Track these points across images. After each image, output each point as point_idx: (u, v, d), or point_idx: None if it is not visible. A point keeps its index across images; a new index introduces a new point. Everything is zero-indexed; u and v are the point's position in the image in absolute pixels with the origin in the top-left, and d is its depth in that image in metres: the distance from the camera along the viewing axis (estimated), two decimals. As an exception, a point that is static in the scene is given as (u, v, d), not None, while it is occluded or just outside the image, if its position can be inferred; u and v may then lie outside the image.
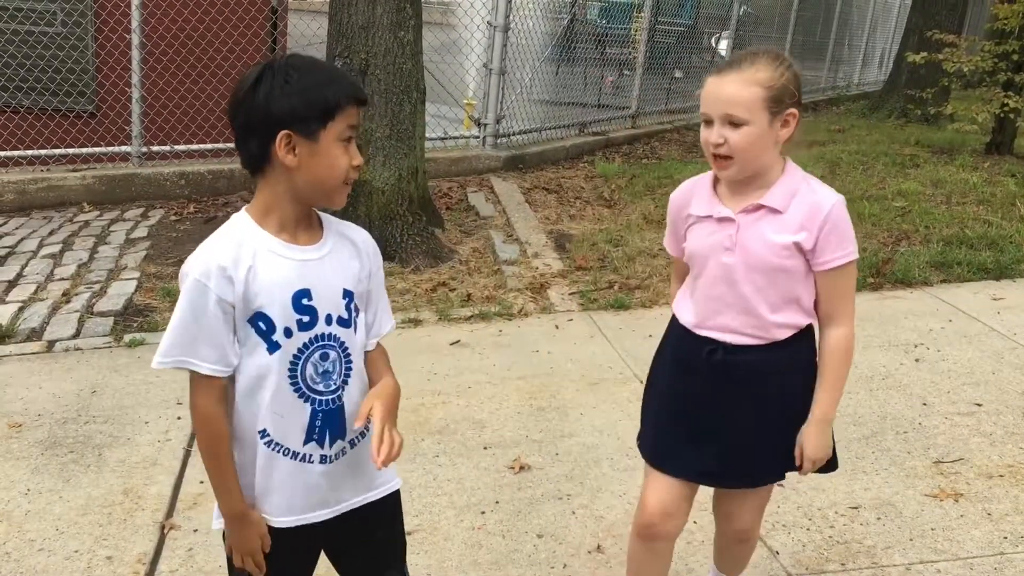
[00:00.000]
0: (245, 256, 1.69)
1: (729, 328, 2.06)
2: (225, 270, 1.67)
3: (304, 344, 1.73)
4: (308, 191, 1.71)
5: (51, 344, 4.42)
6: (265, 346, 1.71)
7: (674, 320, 2.20)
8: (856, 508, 3.11)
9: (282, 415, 1.74)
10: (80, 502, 3.12)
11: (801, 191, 1.99)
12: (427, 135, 6.16)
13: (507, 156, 7.77)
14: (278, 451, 1.76)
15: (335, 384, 1.78)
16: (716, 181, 2.07)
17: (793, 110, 1.95)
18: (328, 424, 1.78)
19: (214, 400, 1.72)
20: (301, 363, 1.73)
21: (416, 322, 4.71)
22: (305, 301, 1.72)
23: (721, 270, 2.02)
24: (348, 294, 1.78)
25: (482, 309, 4.86)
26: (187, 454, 3.42)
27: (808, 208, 1.96)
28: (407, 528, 1.92)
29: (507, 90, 7.84)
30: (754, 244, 1.99)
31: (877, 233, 6.15)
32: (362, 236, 1.86)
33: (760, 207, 1.99)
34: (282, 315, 1.71)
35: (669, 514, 2.18)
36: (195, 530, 2.97)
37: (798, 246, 1.97)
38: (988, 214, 6.65)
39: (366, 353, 1.87)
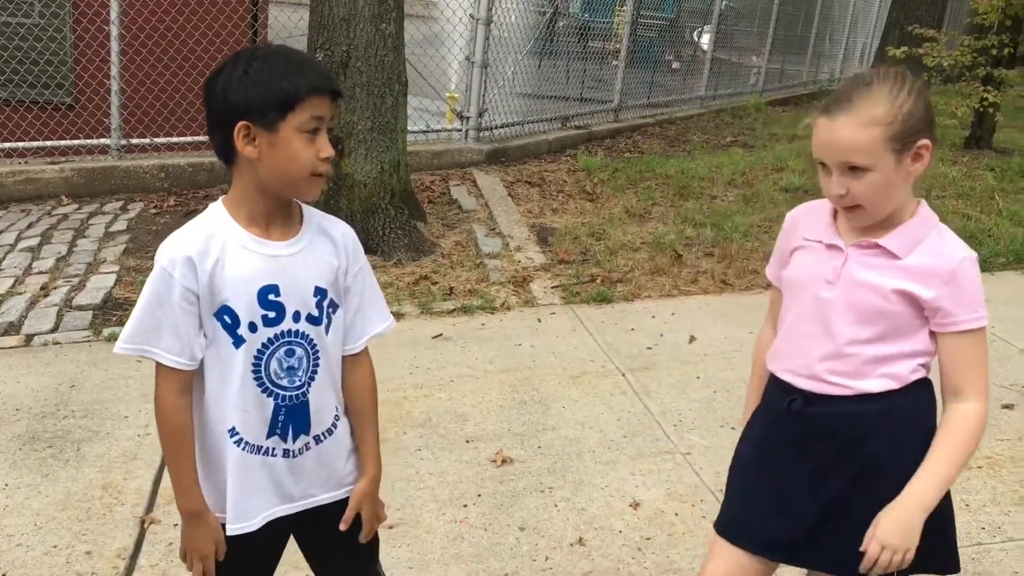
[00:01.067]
0: (214, 248, 1.67)
1: (812, 373, 1.80)
2: (191, 260, 1.66)
3: (269, 339, 1.71)
4: (273, 183, 1.68)
5: (29, 338, 4.38)
6: (231, 340, 1.70)
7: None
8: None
9: (247, 410, 1.73)
10: (59, 497, 3.10)
11: (929, 240, 1.75)
12: (409, 128, 6.15)
13: (489, 149, 7.76)
14: (245, 449, 1.74)
15: (300, 380, 1.76)
16: (837, 213, 1.83)
17: (925, 140, 1.70)
18: (291, 419, 1.76)
19: (176, 391, 1.70)
20: (265, 358, 1.72)
21: (398, 315, 4.70)
22: (272, 297, 1.70)
23: (816, 306, 1.79)
24: (320, 292, 1.76)
25: (464, 302, 4.86)
26: (167, 448, 3.40)
27: (933, 260, 1.72)
28: (389, 521, 1.93)
29: (489, 83, 7.82)
30: (859, 280, 1.75)
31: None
32: (342, 231, 1.83)
33: (876, 246, 1.75)
34: (247, 310, 1.69)
35: None
36: (175, 524, 2.94)
37: (911, 297, 1.72)
38: (967, 208, 6.71)
39: (349, 356, 1.86)
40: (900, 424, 1.78)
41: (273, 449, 1.76)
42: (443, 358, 4.23)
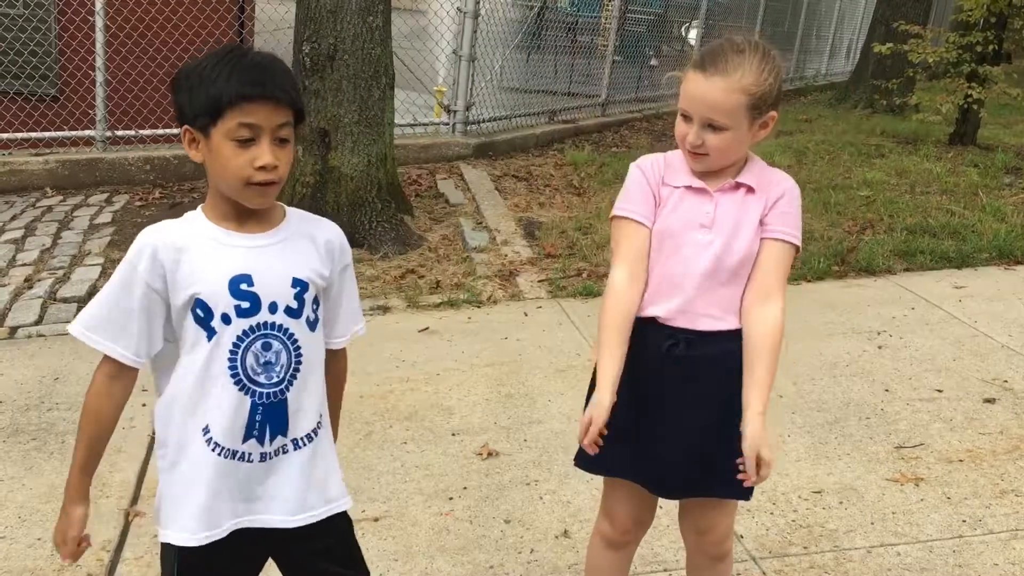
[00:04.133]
0: (181, 241, 1.66)
1: (693, 312, 1.93)
2: (157, 253, 1.64)
3: (244, 332, 1.65)
4: (220, 188, 1.66)
5: (13, 330, 4.36)
6: (205, 334, 1.66)
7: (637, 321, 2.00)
8: (819, 492, 3.16)
9: (222, 409, 1.67)
10: (43, 490, 3.09)
11: (764, 172, 1.99)
12: (396, 121, 6.14)
13: (477, 143, 7.76)
14: (218, 452, 1.68)
15: (278, 376, 1.69)
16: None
17: (773, 112, 1.91)
18: (268, 419, 1.69)
19: (111, 375, 1.69)
20: (241, 352, 1.66)
21: (385, 309, 4.69)
22: (244, 286, 1.65)
23: (695, 251, 1.93)
24: (300, 283, 1.70)
25: (451, 296, 4.86)
26: (152, 441, 3.39)
27: (769, 184, 1.96)
28: (375, 514, 1.92)
29: (477, 77, 7.82)
30: (731, 225, 1.93)
31: (842, 222, 6.22)
32: (327, 235, 1.78)
33: (739, 185, 1.95)
34: (218, 300, 1.64)
35: (642, 522, 2.16)
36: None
37: (761, 221, 1.94)
38: (951, 204, 6.75)
39: (330, 350, 1.83)
40: (731, 362, 1.94)
41: (249, 454, 1.70)
42: (429, 351, 4.23)
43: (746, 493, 2.02)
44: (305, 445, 1.75)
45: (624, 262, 1.99)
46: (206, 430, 1.68)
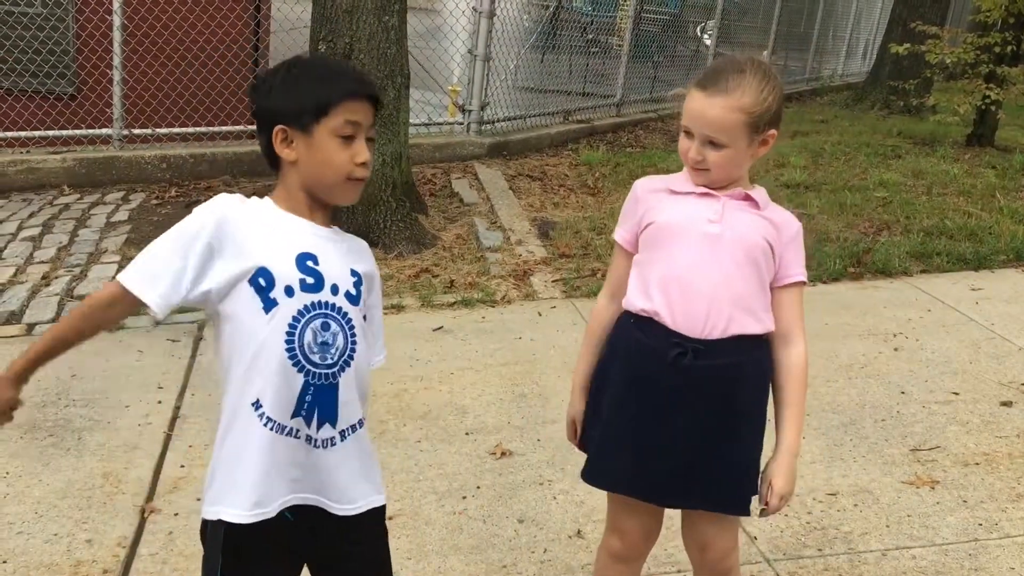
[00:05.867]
0: (250, 212, 1.73)
1: (705, 313, 1.91)
2: (226, 216, 1.68)
3: (305, 307, 1.67)
4: (312, 185, 1.73)
5: (31, 327, 4.39)
6: (261, 305, 1.66)
7: (623, 319, 2.04)
8: (834, 495, 3.15)
9: (274, 383, 1.66)
10: (60, 485, 3.11)
11: (771, 203, 2.02)
12: (411, 121, 6.14)
13: (491, 143, 7.76)
14: (269, 426, 1.68)
15: (332, 359, 1.70)
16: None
17: (773, 131, 1.95)
18: (318, 402, 1.69)
19: (112, 299, 1.70)
20: (300, 327, 1.66)
21: (399, 308, 4.70)
22: (311, 264, 1.70)
23: (703, 242, 1.92)
24: (357, 275, 1.76)
25: (465, 295, 4.86)
26: (168, 438, 3.41)
27: (783, 218, 1.99)
28: (389, 513, 1.91)
29: (492, 77, 7.82)
30: (741, 222, 1.94)
31: (858, 223, 6.19)
32: (368, 253, 1.87)
33: (747, 197, 1.97)
34: (284, 272, 1.67)
35: (651, 535, 2.15)
36: (175, 514, 2.96)
37: (771, 248, 1.95)
38: (968, 205, 6.71)
39: None
40: (761, 374, 1.99)
41: (297, 431, 1.69)
42: (443, 351, 4.23)
43: (742, 508, 2.01)
44: (349, 436, 1.76)
45: (608, 287, 2.14)
46: (257, 404, 1.68)
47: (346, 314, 1.72)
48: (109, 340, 4.26)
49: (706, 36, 12.35)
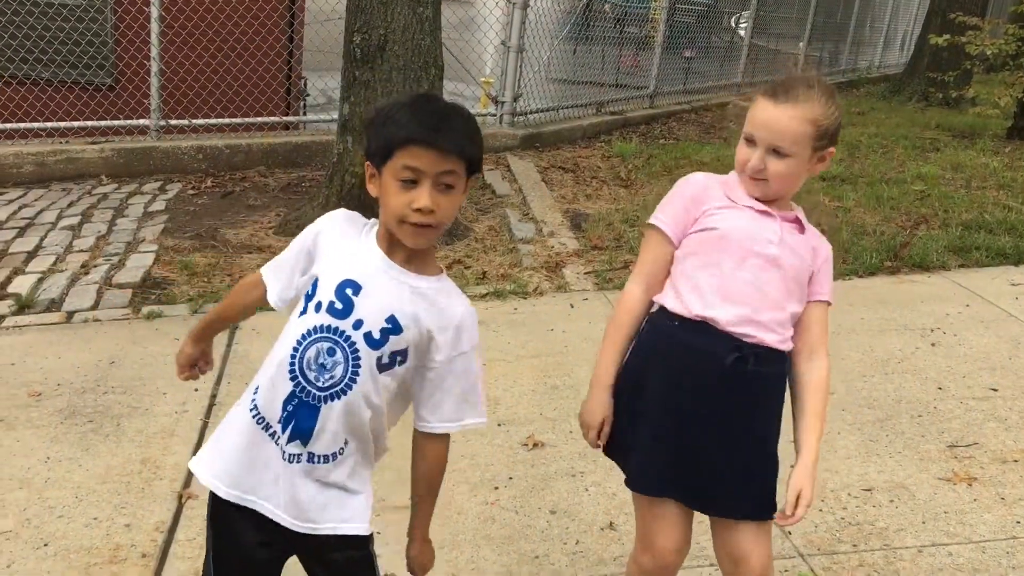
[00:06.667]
0: (347, 233, 1.81)
1: (759, 322, 1.94)
2: (323, 231, 1.82)
3: (322, 326, 1.72)
4: (385, 222, 1.76)
5: (70, 315, 4.46)
6: (301, 308, 1.77)
7: (663, 321, 2.02)
8: (869, 490, 3.12)
9: (270, 379, 1.76)
10: (99, 471, 3.16)
11: (809, 228, 2.06)
12: (444, 112, 6.14)
13: (524, 135, 7.75)
14: (253, 414, 1.77)
15: (323, 384, 1.71)
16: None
17: (832, 148, 1.99)
18: (296, 415, 1.73)
19: (252, 283, 1.93)
20: (308, 342, 1.72)
21: (431, 299, 4.71)
22: (349, 292, 1.73)
23: (764, 262, 1.96)
24: (394, 323, 1.72)
25: (497, 287, 4.87)
26: (204, 425, 3.45)
27: (816, 243, 2.05)
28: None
29: (525, 68, 7.81)
30: (794, 246, 2.00)
31: (895, 216, 6.12)
32: (453, 318, 1.77)
33: (796, 220, 2.03)
34: (325, 289, 1.74)
35: (683, 549, 2.10)
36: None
37: (809, 266, 2.02)
38: (1008, 199, 6.61)
39: (423, 433, 1.83)
40: (783, 385, 2.04)
41: (274, 432, 1.76)
42: (476, 342, 4.24)
43: (767, 512, 2.02)
44: (319, 463, 1.76)
45: (641, 276, 2.08)
46: (256, 390, 1.80)
47: (357, 351, 1.71)
48: (147, 328, 4.32)
49: (741, 27, 12.24)
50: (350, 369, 1.72)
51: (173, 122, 6.97)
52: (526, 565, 2.73)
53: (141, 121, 6.92)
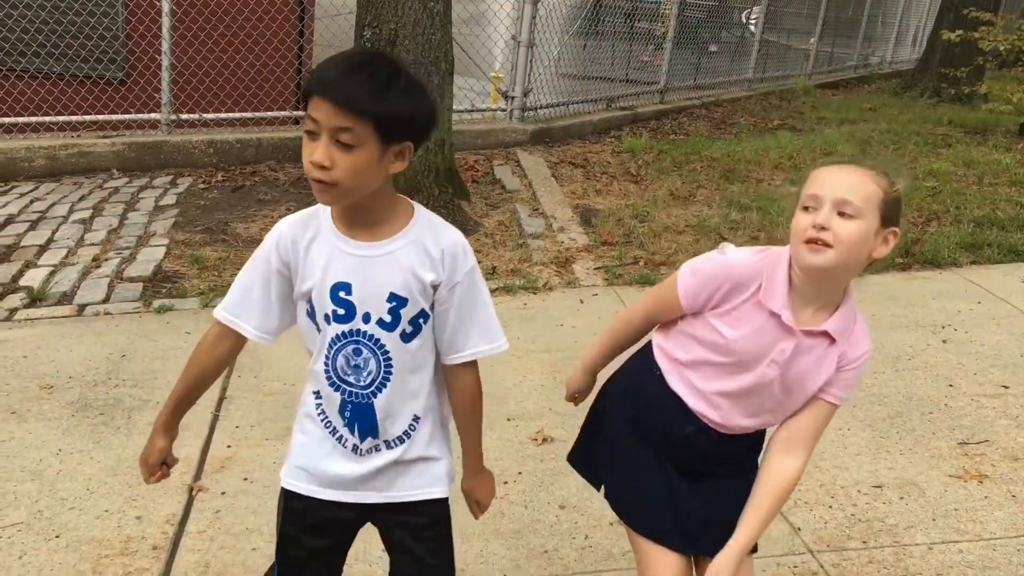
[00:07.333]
0: (308, 235, 1.74)
1: (729, 426, 1.92)
2: (291, 239, 1.74)
3: (338, 335, 1.73)
4: None
5: (81, 308, 4.48)
6: (316, 327, 1.76)
7: (649, 358, 2.01)
8: (879, 487, 3.11)
9: (326, 396, 1.79)
10: (110, 463, 3.18)
11: (854, 329, 1.87)
12: (454, 107, 6.15)
13: (534, 130, 7.75)
14: (322, 418, 1.80)
15: (365, 380, 1.75)
16: (791, 284, 1.84)
17: (896, 229, 1.81)
18: (357, 418, 1.78)
19: (216, 336, 1.81)
20: (334, 353, 1.75)
21: (441, 293, 4.72)
22: (343, 294, 1.71)
23: (758, 377, 1.86)
24: (396, 299, 1.71)
25: (507, 282, 4.87)
26: (215, 418, 3.47)
27: (851, 341, 1.86)
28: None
29: (535, 63, 7.80)
30: (801, 368, 1.85)
31: (907, 213, 6.09)
32: (442, 243, 1.74)
33: (824, 334, 1.83)
34: (320, 303, 1.73)
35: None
36: (223, 492, 3.01)
37: (824, 382, 1.87)
38: (1020, 196, 6.57)
39: (448, 367, 1.83)
40: (759, 450, 1.99)
41: (344, 439, 1.80)
42: (485, 336, 4.24)
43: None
44: (396, 446, 1.82)
45: (650, 310, 2.04)
46: (317, 394, 1.81)
47: (378, 340, 1.73)
48: (157, 322, 4.34)
49: (752, 22, 12.20)
50: (381, 359, 1.75)
51: (184, 116, 6.99)
52: (535, 559, 2.73)
53: (152, 115, 6.93)
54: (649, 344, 2.06)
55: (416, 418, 1.82)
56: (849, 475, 3.16)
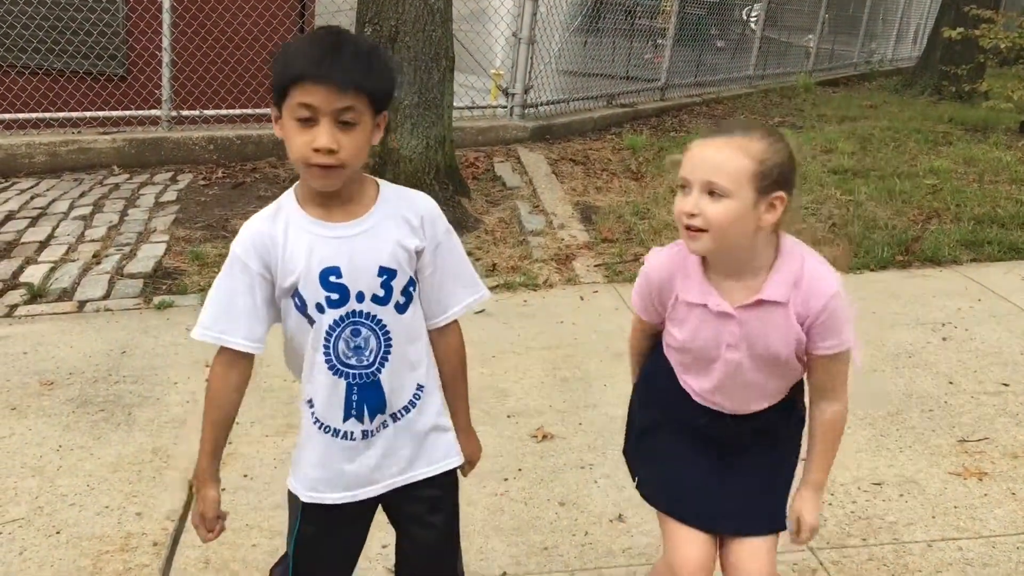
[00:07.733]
0: (279, 231, 1.72)
1: (731, 408, 1.93)
2: (262, 244, 1.72)
3: (335, 321, 1.73)
4: (297, 169, 1.71)
5: (82, 304, 4.48)
6: (306, 321, 1.75)
7: (660, 370, 2.01)
8: (879, 484, 3.11)
9: (321, 390, 1.77)
10: (110, 459, 3.18)
11: (804, 276, 1.79)
12: (455, 104, 6.15)
13: (534, 127, 7.74)
14: (320, 427, 1.80)
15: (368, 359, 1.76)
16: (706, 263, 1.83)
17: (781, 193, 1.72)
18: (365, 399, 1.77)
19: (224, 366, 1.79)
20: (333, 339, 1.74)
21: (441, 290, 4.72)
22: (333, 279, 1.71)
23: (724, 365, 1.87)
24: (386, 271, 1.74)
25: (507, 279, 4.87)
26: (215, 415, 3.47)
27: (808, 294, 1.79)
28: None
29: (536, 60, 7.80)
30: (760, 341, 1.83)
31: (907, 211, 6.09)
32: (419, 209, 1.79)
33: (761, 303, 1.79)
34: (312, 292, 1.72)
35: (708, 568, 1.98)
36: (223, 489, 2.99)
37: (800, 338, 1.82)
38: (1021, 193, 6.56)
39: (435, 330, 1.87)
40: (790, 419, 1.99)
41: (351, 433, 1.79)
42: (485, 334, 4.25)
43: (769, 528, 1.98)
44: (403, 416, 1.83)
45: (636, 326, 2.08)
46: (311, 403, 1.79)
47: (375, 317, 1.75)
48: (158, 318, 4.34)
49: (752, 19, 12.19)
50: (380, 334, 1.76)
51: (184, 113, 6.99)
52: (535, 556, 2.73)
53: (153, 112, 6.94)
54: (661, 345, 2.07)
55: (420, 387, 1.84)
56: (849, 472, 3.16)
